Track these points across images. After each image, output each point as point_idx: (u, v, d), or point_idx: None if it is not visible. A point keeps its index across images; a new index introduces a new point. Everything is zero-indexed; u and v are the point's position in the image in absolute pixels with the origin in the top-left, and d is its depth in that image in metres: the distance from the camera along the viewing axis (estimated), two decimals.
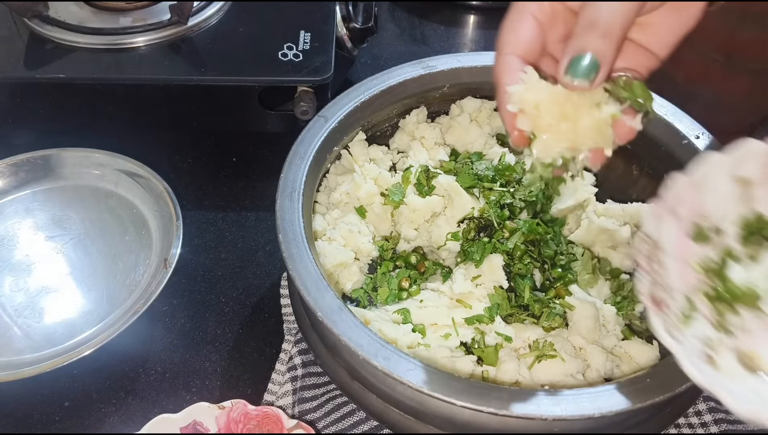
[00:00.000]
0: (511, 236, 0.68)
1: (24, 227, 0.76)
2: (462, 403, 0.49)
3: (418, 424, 0.58)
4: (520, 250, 0.68)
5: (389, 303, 0.67)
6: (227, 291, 0.75)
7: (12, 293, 0.71)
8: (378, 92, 0.73)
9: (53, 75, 0.79)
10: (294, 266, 0.58)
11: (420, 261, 0.71)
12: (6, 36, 0.83)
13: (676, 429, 0.62)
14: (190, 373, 0.68)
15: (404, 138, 0.79)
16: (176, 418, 0.60)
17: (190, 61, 0.82)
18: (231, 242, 0.80)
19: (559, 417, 0.49)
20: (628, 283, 0.69)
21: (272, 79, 0.80)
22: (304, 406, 0.63)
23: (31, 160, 0.79)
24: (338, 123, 0.70)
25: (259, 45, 0.83)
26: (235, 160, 0.88)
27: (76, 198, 0.79)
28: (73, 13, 0.85)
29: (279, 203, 0.62)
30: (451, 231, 0.71)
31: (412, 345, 0.61)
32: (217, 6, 0.87)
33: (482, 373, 0.60)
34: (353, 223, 0.70)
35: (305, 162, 0.66)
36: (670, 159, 0.70)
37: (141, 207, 0.77)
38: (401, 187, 0.72)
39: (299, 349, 0.67)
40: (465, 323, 0.64)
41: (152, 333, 0.71)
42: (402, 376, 0.51)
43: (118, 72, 0.80)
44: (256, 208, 0.83)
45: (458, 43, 1.10)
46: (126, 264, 0.73)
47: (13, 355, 0.65)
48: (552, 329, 0.64)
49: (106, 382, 0.67)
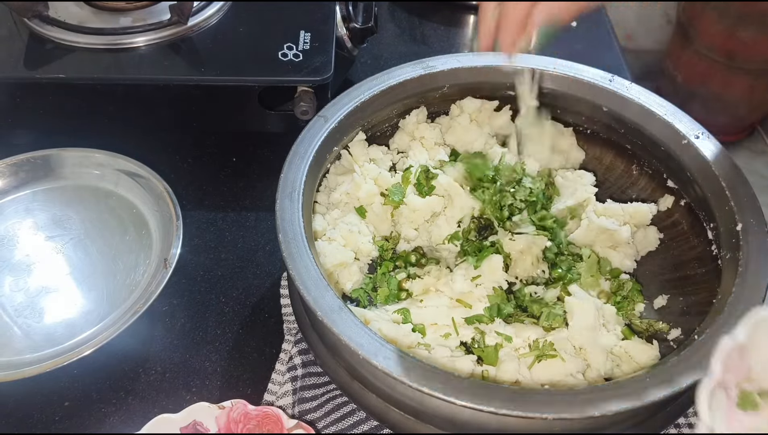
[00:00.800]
0: (512, 237, 0.69)
1: (24, 227, 0.76)
2: (462, 402, 0.49)
3: (418, 424, 0.58)
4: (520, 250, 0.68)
5: (389, 303, 0.67)
6: (227, 291, 0.75)
7: (12, 293, 0.71)
8: (378, 92, 0.73)
9: (53, 75, 0.79)
10: (294, 266, 0.58)
11: (420, 261, 0.71)
12: (6, 36, 0.83)
13: (676, 429, 0.62)
14: (190, 373, 0.68)
15: (404, 138, 0.79)
16: (176, 418, 0.60)
17: (190, 61, 0.82)
18: (231, 242, 0.80)
19: (559, 417, 0.49)
20: (628, 283, 0.69)
21: (272, 79, 0.80)
22: (304, 406, 0.63)
23: (31, 160, 0.79)
24: (338, 123, 0.70)
25: (259, 45, 0.83)
26: (235, 160, 0.88)
27: (76, 198, 0.79)
28: (73, 13, 0.85)
29: (279, 203, 0.62)
30: (451, 231, 0.71)
31: (412, 345, 0.61)
32: (217, 6, 0.87)
33: (482, 373, 0.60)
34: (353, 223, 0.70)
35: (305, 162, 0.66)
36: (670, 159, 0.70)
37: (141, 207, 0.77)
38: (401, 187, 0.72)
39: (299, 349, 0.67)
40: (465, 323, 0.64)
41: (152, 333, 0.71)
42: (402, 376, 0.51)
43: (118, 72, 0.80)
44: (256, 208, 0.83)
45: (458, 43, 1.10)
46: (126, 264, 0.73)
47: (13, 355, 0.65)
48: (552, 329, 0.64)
49: (106, 382, 0.67)
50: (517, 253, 0.69)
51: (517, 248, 0.68)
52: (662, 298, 0.68)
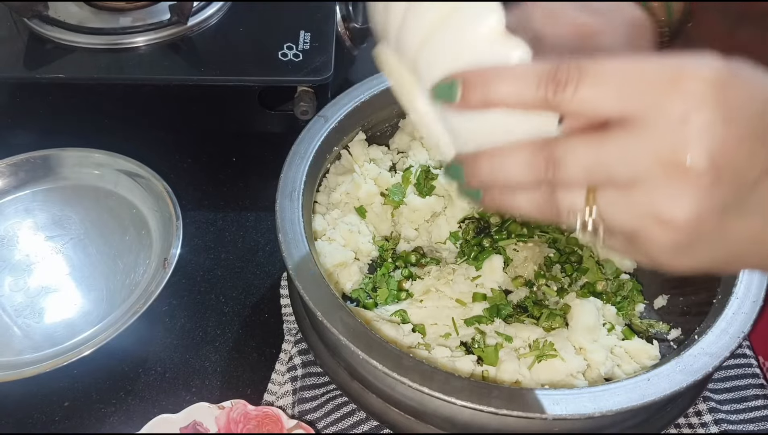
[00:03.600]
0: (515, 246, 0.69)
1: (24, 227, 0.76)
2: (462, 402, 0.49)
3: (418, 424, 0.58)
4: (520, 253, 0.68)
5: (388, 303, 0.67)
6: (227, 291, 0.75)
7: (12, 293, 0.71)
8: (378, 92, 0.73)
9: (53, 75, 0.79)
10: (294, 266, 0.58)
11: (420, 261, 0.71)
12: (6, 36, 0.83)
13: (676, 429, 0.62)
14: (190, 373, 0.68)
15: (404, 138, 0.79)
16: (176, 419, 0.60)
17: (190, 61, 0.82)
18: (231, 242, 0.80)
19: (559, 416, 0.49)
20: (628, 282, 0.69)
21: (272, 79, 0.80)
22: (304, 406, 0.63)
23: (31, 160, 0.79)
24: (338, 123, 0.70)
25: (259, 45, 0.83)
26: (235, 160, 0.88)
27: (75, 198, 0.79)
28: (73, 13, 0.85)
29: (279, 203, 0.62)
30: (451, 231, 0.71)
31: (412, 345, 0.61)
32: (217, 6, 0.87)
33: (482, 373, 0.60)
34: (353, 223, 0.70)
35: (305, 162, 0.66)
36: None
37: (141, 207, 0.77)
38: (401, 187, 0.72)
39: (299, 349, 0.67)
40: (465, 324, 0.64)
41: (152, 333, 0.71)
42: (402, 376, 0.51)
43: (118, 72, 0.80)
44: (256, 208, 0.83)
45: None
46: (126, 264, 0.73)
47: (13, 355, 0.65)
48: (552, 329, 0.64)
49: (106, 382, 0.67)
50: (520, 260, 0.69)
51: (521, 256, 0.68)
52: (662, 298, 0.68)
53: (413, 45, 0.39)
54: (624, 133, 0.33)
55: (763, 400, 0.63)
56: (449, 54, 0.38)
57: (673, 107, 0.32)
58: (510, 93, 0.35)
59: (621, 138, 0.33)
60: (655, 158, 0.32)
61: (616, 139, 0.33)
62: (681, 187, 0.32)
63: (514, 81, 0.35)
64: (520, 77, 0.35)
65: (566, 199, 0.36)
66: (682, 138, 0.32)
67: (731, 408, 0.63)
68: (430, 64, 0.39)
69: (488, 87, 0.35)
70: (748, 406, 0.63)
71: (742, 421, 0.62)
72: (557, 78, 0.33)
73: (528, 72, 0.35)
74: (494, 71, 0.35)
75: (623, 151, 0.33)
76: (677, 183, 0.32)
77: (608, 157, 0.33)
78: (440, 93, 0.37)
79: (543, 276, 0.68)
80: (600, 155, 0.34)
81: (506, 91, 0.35)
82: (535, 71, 0.34)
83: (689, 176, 0.32)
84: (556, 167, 0.35)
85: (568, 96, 0.33)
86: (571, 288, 0.67)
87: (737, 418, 0.62)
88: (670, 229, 0.33)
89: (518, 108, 0.35)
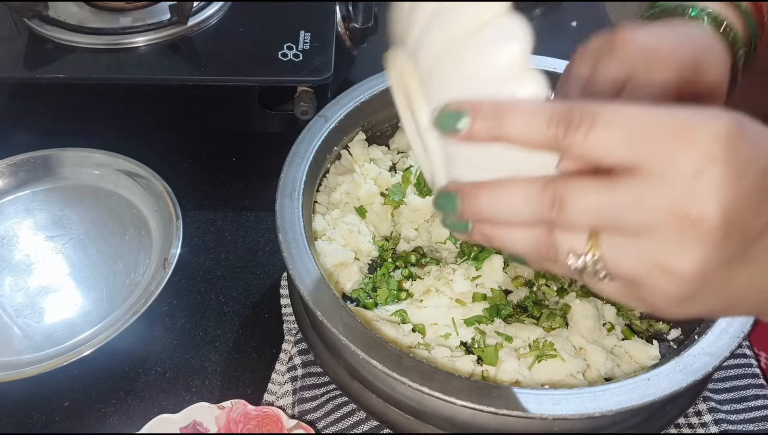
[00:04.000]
0: None
1: (24, 227, 0.76)
2: (462, 402, 0.50)
3: (418, 424, 0.58)
4: None
5: (388, 303, 0.67)
6: (227, 291, 0.75)
7: (12, 293, 0.71)
8: (378, 92, 0.73)
9: (53, 75, 0.79)
10: (294, 266, 0.58)
11: (420, 261, 0.71)
12: (6, 36, 0.83)
13: (676, 429, 0.62)
14: (190, 373, 0.68)
15: (404, 138, 0.79)
16: (176, 419, 0.60)
17: (190, 61, 0.82)
18: (231, 242, 0.80)
19: (559, 416, 0.49)
20: None
21: (272, 79, 0.80)
22: (304, 406, 0.63)
23: (31, 160, 0.79)
24: (338, 123, 0.70)
25: (259, 45, 0.83)
26: (235, 160, 0.88)
27: (76, 198, 0.79)
28: (73, 13, 0.85)
29: (279, 203, 0.62)
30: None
31: (412, 345, 0.61)
32: (217, 6, 0.87)
33: (482, 373, 0.60)
34: (353, 223, 0.70)
35: (305, 162, 0.66)
36: None
37: (141, 207, 0.77)
38: (401, 187, 0.72)
39: (299, 349, 0.67)
40: (465, 324, 0.64)
41: (152, 333, 0.71)
42: (402, 376, 0.51)
43: (118, 72, 0.80)
44: (256, 208, 0.83)
45: None
46: (126, 264, 0.73)
47: (13, 355, 0.65)
48: (552, 329, 0.64)
49: (106, 382, 0.67)
50: None
51: None
52: None
53: (431, 54, 0.37)
54: (635, 181, 0.33)
55: (763, 400, 0.64)
56: (460, 75, 0.36)
57: (686, 161, 0.31)
58: (521, 131, 0.34)
59: (633, 186, 0.33)
60: (668, 209, 0.32)
61: (627, 186, 0.33)
62: (691, 240, 0.32)
63: (526, 118, 0.34)
64: (532, 115, 0.34)
65: (566, 240, 0.35)
66: (695, 192, 0.31)
67: (731, 408, 0.63)
68: (441, 79, 0.37)
69: (499, 122, 0.34)
70: (748, 406, 0.63)
71: (742, 421, 0.62)
72: (570, 119, 0.33)
73: (541, 110, 0.34)
74: (506, 106, 0.34)
75: (635, 199, 0.33)
76: (688, 235, 0.32)
77: (619, 203, 0.33)
78: (444, 122, 0.36)
79: (543, 276, 0.68)
80: (610, 200, 0.33)
81: (517, 128, 0.34)
82: (548, 110, 0.33)
83: (701, 230, 0.32)
84: (561, 207, 0.34)
85: (579, 138, 0.33)
86: (571, 288, 0.67)
87: (737, 418, 0.63)
88: (676, 279, 0.33)
89: (526, 146, 0.35)
